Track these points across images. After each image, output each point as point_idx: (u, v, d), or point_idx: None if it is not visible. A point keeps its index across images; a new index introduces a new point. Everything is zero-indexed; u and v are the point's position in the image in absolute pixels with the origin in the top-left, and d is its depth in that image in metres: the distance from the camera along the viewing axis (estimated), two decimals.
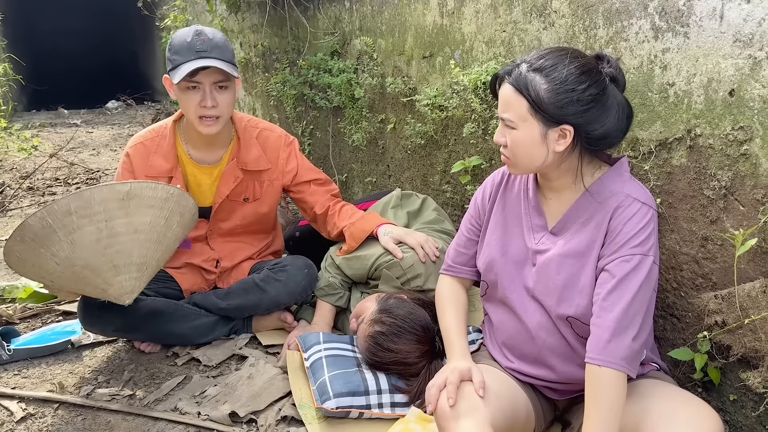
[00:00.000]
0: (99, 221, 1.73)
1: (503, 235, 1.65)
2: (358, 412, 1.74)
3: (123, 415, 1.86)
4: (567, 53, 1.47)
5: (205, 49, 1.99)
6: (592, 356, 1.39)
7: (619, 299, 1.39)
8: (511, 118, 1.47)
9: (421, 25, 2.65)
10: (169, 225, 1.84)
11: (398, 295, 1.93)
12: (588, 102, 1.42)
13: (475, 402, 1.47)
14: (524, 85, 1.44)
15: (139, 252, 1.81)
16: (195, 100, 2.04)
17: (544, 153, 1.46)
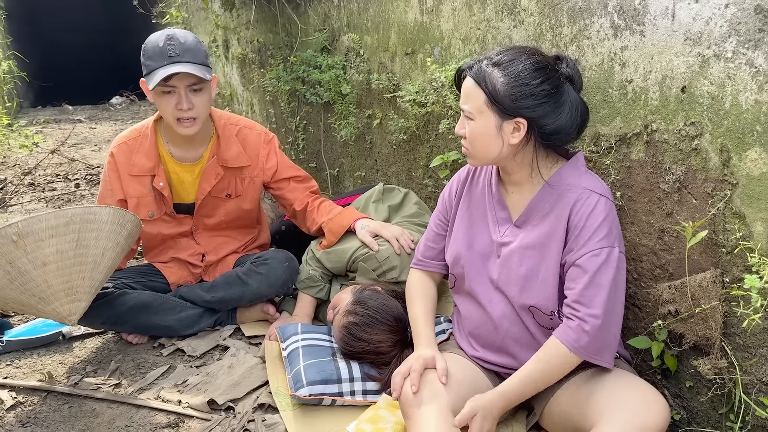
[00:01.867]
0: (2, 265, 1.76)
1: (469, 229, 1.71)
2: (331, 399, 1.81)
3: (108, 403, 1.94)
4: (525, 51, 1.53)
5: (177, 54, 2.05)
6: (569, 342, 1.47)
7: (597, 295, 1.46)
8: (470, 110, 1.53)
9: (403, 22, 2.70)
10: (83, 244, 1.84)
11: (373, 287, 2.00)
12: (542, 97, 1.48)
13: (438, 388, 1.54)
14: (483, 78, 1.50)
15: (58, 280, 1.85)
16: (171, 103, 2.10)
17: (500, 144, 1.52)
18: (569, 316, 1.48)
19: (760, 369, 1.45)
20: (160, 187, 2.28)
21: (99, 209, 1.94)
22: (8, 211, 3.96)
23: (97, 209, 1.94)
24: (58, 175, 4.78)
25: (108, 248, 1.95)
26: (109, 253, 1.96)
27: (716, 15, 1.39)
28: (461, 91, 1.58)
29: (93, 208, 1.93)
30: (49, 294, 1.84)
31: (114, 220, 1.95)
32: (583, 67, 1.78)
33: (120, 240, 2.00)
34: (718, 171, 1.45)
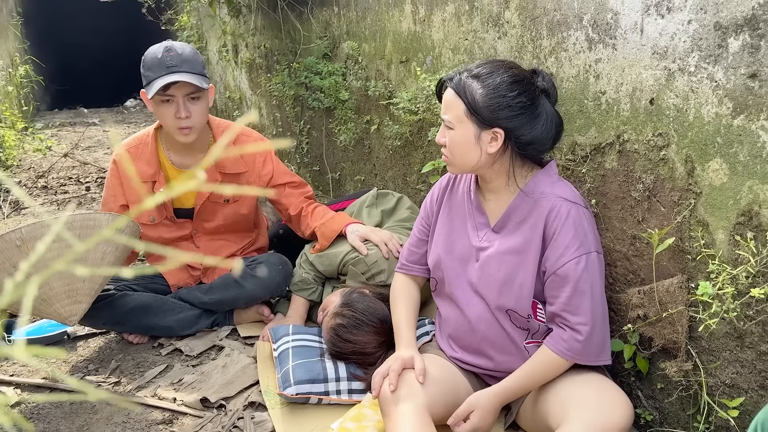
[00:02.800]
0: (6, 268, 1.86)
1: (449, 234, 1.77)
2: (317, 398, 1.88)
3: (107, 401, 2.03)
4: (503, 64, 1.60)
5: (174, 64, 2.14)
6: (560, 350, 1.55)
7: (583, 303, 1.53)
8: (450, 119, 1.60)
9: (398, 31, 2.77)
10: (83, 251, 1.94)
11: (361, 290, 2.07)
12: (518, 109, 1.54)
13: (415, 388, 1.60)
14: (462, 89, 1.57)
15: (60, 283, 1.93)
16: (170, 112, 2.19)
17: (478, 153, 1.59)
18: (560, 325, 1.55)
19: (724, 372, 1.50)
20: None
21: (98, 215, 2.03)
22: (21, 214, 4.09)
23: (96, 215, 2.03)
24: (71, 178, 4.91)
25: (107, 252, 2.04)
26: (109, 257, 2.04)
27: (680, 31, 1.45)
28: (442, 102, 1.65)
29: (92, 215, 2.02)
30: (51, 296, 1.93)
31: (113, 225, 2.03)
32: (561, 78, 1.84)
33: (119, 245, 2.08)
34: (683, 180, 1.51)
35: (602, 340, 1.56)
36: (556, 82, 1.85)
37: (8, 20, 7.40)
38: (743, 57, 1.32)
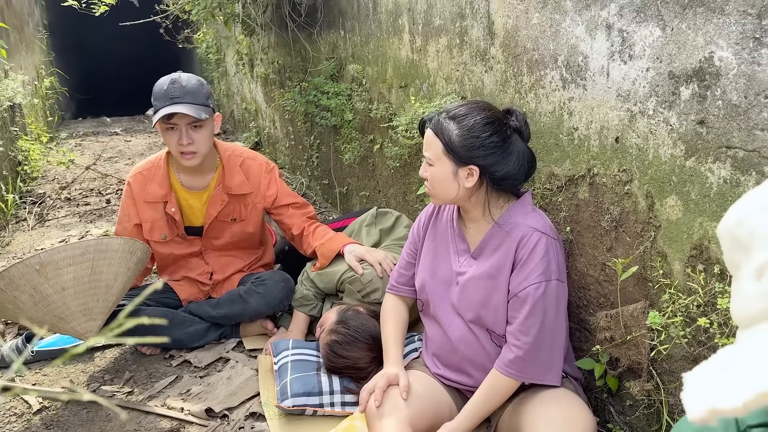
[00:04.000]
0: (27, 290, 2.01)
1: (434, 259, 1.91)
2: (312, 410, 2.03)
3: (120, 409, 2.19)
4: (478, 106, 1.73)
5: (177, 96, 2.30)
6: (502, 367, 1.68)
7: (534, 325, 1.65)
8: (430, 156, 1.73)
9: (397, 57, 2.91)
10: (98, 271, 2.09)
11: (355, 308, 2.21)
12: (491, 148, 1.67)
13: (398, 403, 1.74)
14: (440, 129, 1.70)
15: (76, 302, 2.09)
16: (174, 138, 2.36)
17: (456, 187, 1.72)
18: (509, 344, 1.68)
19: (682, 392, 1.62)
20: (172, 212, 2.54)
21: (110, 240, 2.20)
22: (45, 225, 4.29)
23: (108, 240, 2.20)
24: (92, 190, 5.11)
25: (120, 273, 2.20)
26: (121, 277, 2.21)
27: (640, 77, 1.57)
28: (424, 139, 1.79)
29: (105, 240, 2.19)
30: (68, 315, 2.10)
31: (124, 249, 2.20)
32: (539, 113, 1.96)
33: (130, 265, 2.25)
34: (645, 213, 1.63)
35: (548, 360, 1.67)
36: (535, 117, 1.98)
37: (34, 34, 7.67)
38: (693, 105, 1.44)
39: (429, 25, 2.57)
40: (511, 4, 2.02)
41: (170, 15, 4.53)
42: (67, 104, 9.72)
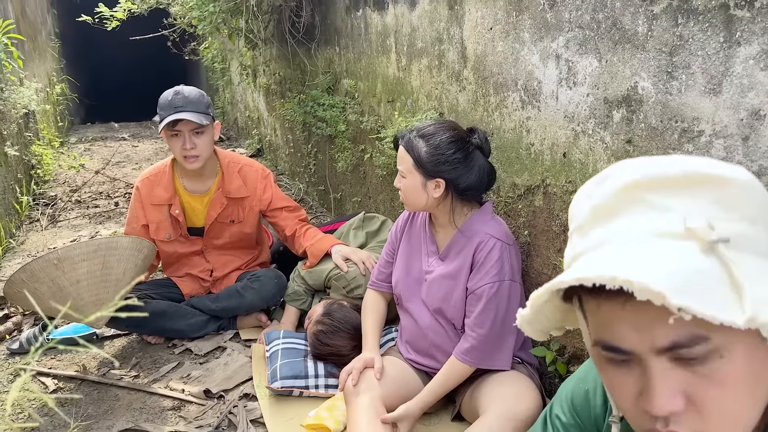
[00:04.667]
0: (46, 282, 2.26)
1: (408, 259, 2.16)
2: (299, 391, 2.27)
3: (128, 390, 2.44)
4: (444, 126, 1.97)
5: (181, 105, 2.57)
6: (459, 355, 1.92)
7: (487, 318, 1.90)
8: (403, 170, 1.98)
9: (386, 74, 3.17)
10: (109, 266, 2.33)
11: (340, 302, 2.46)
12: (455, 163, 1.92)
13: (373, 383, 1.98)
14: (411, 146, 1.95)
15: (88, 294, 2.33)
16: (178, 144, 2.61)
17: (425, 197, 1.96)
18: (466, 335, 1.92)
19: None
20: (176, 214, 2.79)
21: (120, 239, 2.46)
22: (57, 226, 4.55)
23: (119, 239, 2.45)
24: (101, 193, 5.38)
25: (128, 268, 2.45)
26: (129, 272, 2.46)
27: (582, 101, 1.82)
28: (398, 154, 2.03)
29: (116, 239, 2.44)
30: (81, 305, 2.35)
31: (133, 246, 2.45)
32: (503, 130, 2.21)
33: (138, 262, 2.50)
34: None
35: (499, 349, 1.92)
36: (499, 133, 2.23)
37: (47, 43, 7.96)
38: (622, 126, 1.69)
39: (413, 46, 2.83)
40: (480, 33, 2.27)
41: (177, 29, 4.80)
42: (76, 110, 10.01)
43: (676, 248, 0.67)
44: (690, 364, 0.68)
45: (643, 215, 0.71)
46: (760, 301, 0.61)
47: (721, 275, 0.64)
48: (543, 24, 1.93)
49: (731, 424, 0.69)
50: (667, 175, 0.71)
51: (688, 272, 0.64)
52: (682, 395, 0.69)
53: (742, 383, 0.68)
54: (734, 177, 0.69)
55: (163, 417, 2.26)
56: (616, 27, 1.65)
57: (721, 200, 0.68)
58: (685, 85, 1.47)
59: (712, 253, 0.65)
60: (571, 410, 1.04)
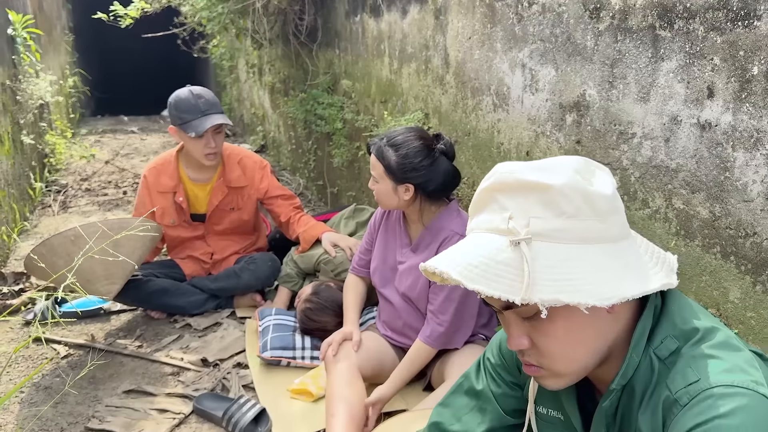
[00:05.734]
0: (63, 256, 2.49)
1: (384, 249, 2.38)
2: (287, 361, 2.51)
3: (131, 357, 2.67)
4: (413, 134, 2.14)
5: (208, 109, 2.81)
6: (424, 338, 2.14)
7: (449, 306, 2.13)
8: (375, 175, 2.17)
9: (380, 77, 3.40)
10: (120, 244, 2.52)
11: (327, 283, 2.69)
12: (422, 169, 2.11)
13: (350, 353, 2.21)
14: (381, 155, 2.14)
15: (100, 268, 2.56)
16: (201, 143, 2.84)
17: (396, 200, 2.18)
18: (429, 321, 2.15)
19: None
20: (180, 201, 3.03)
21: (131, 219, 2.70)
22: (68, 212, 4.80)
23: (129, 219, 2.70)
24: (110, 182, 5.63)
25: (137, 247, 2.69)
26: (138, 251, 2.70)
27: (542, 106, 2.05)
28: (371, 160, 2.20)
29: (127, 219, 2.69)
30: (94, 278, 2.59)
31: (142, 227, 2.69)
32: (479, 130, 2.44)
33: (145, 242, 2.74)
34: None
35: (459, 331, 2.14)
36: (475, 133, 2.46)
37: (61, 37, 8.23)
38: (573, 128, 1.92)
39: (403, 51, 3.06)
40: (460, 41, 2.51)
41: (187, 27, 5.04)
42: (87, 102, 10.28)
43: (494, 242, 0.92)
44: (528, 320, 0.96)
45: (492, 213, 0.95)
46: (546, 281, 0.87)
47: (520, 265, 0.88)
48: (512, 36, 2.16)
49: (562, 361, 0.98)
50: (509, 182, 0.94)
51: (490, 263, 0.90)
52: (527, 338, 0.97)
53: (562, 335, 0.95)
54: (553, 184, 0.91)
55: (163, 381, 2.50)
56: (570, 41, 1.88)
57: (544, 202, 0.91)
58: (622, 94, 1.70)
59: (517, 247, 0.89)
60: (498, 353, 1.27)
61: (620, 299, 0.89)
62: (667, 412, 0.93)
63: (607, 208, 0.94)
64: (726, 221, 1.44)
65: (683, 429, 0.88)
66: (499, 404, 1.26)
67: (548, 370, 1.00)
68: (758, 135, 1.34)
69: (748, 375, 0.89)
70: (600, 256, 0.92)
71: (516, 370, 1.25)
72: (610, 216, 0.94)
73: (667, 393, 0.93)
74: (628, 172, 1.73)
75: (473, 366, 1.34)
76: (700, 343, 0.95)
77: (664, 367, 0.96)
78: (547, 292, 0.87)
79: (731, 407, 0.86)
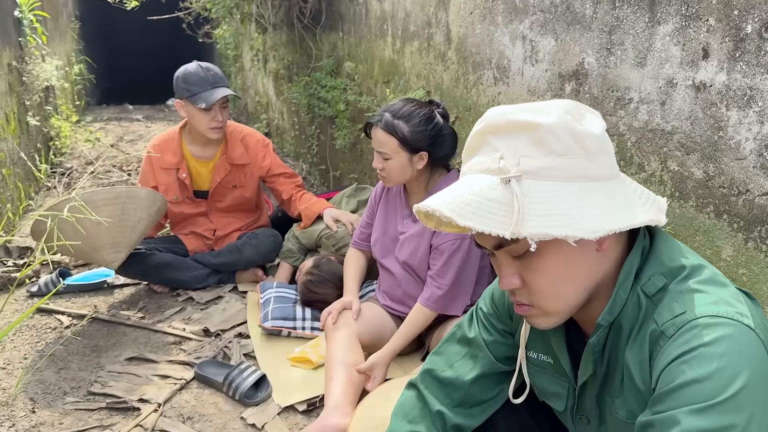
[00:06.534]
0: (71, 223, 2.49)
1: (384, 221, 2.41)
2: (288, 331, 2.54)
3: (134, 328, 2.71)
4: (414, 104, 2.18)
5: (216, 81, 2.84)
6: (423, 301, 2.17)
7: (448, 270, 2.16)
8: (387, 151, 2.18)
9: (382, 57, 3.43)
10: (126, 212, 2.60)
11: (328, 257, 2.72)
12: (433, 136, 2.15)
13: (349, 321, 2.25)
14: (393, 129, 2.15)
15: (107, 236, 2.59)
16: (208, 117, 2.87)
17: (411, 171, 2.20)
18: (428, 285, 2.18)
19: None
20: (183, 178, 3.06)
21: (139, 189, 2.74)
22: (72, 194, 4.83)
23: (138, 189, 2.73)
24: (115, 166, 5.66)
25: (143, 218, 2.72)
26: (144, 221, 2.73)
27: (542, 77, 2.07)
28: (373, 137, 2.20)
29: (135, 188, 2.73)
30: (100, 245, 2.62)
31: (149, 198, 2.73)
32: (479, 104, 2.47)
33: (152, 213, 2.77)
34: None
35: (457, 298, 2.17)
36: (476, 107, 2.49)
37: (68, 24, 8.26)
38: (572, 97, 1.94)
39: (406, 30, 3.08)
40: (462, 17, 2.53)
41: (192, 12, 5.07)
42: (92, 91, 10.32)
43: (486, 181, 0.94)
44: (519, 258, 0.98)
45: (484, 155, 0.97)
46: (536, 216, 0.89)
47: (510, 202, 0.90)
48: (513, 8, 2.18)
49: (551, 298, 1.00)
50: (500, 124, 0.96)
51: (481, 200, 0.92)
52: (518, 277, 1.00)
53: (552, 271, 0.97)
54: (542, 123, 0.93)
55: (165, 350, 2.53)
56: (569, 10, 1.90)
57: (534, 141, 0.93)
58: (620, 60, 1.72)
59: (507, 185, 0.91)
60: (491, 302, 1.30)
61: (607, 232, 0.91)
62: (654, 344, 0.96)
63: (596, 147, 0.96)
64: (719, 180, 1.47)
65: (669, 358, 0.91)
66: (491, 351, 1.29)
67: (538, 308, 1.03)
68: (751, 93, 1.36)
69: (733, 307, 0.92)
70: (588, 193, 0.94)
71: (508, 318, 1.28)
72: (599, 155, 0.97)
73: (654, 326, 0.96)
74: (624, 138, 1.75)
75: (466, 317, 1.37)
76: (686, 280, 0.98)
77: (651, 304, 0.99)
78: (536, 226, 0.89)
79: (715, 336, 0.88)
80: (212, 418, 2.10)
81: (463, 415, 1.31)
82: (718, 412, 0.84)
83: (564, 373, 1.16)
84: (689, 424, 0.84)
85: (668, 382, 0.89)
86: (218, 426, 2.06)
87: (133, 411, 2.14)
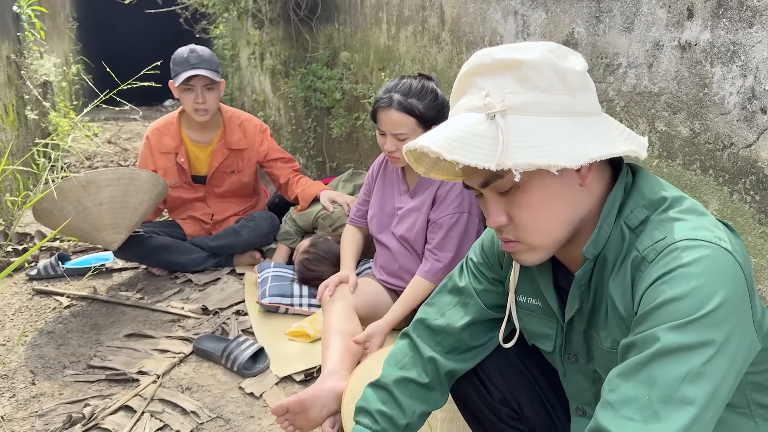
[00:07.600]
0: (72, 201, 2.55)
1: (381, 198, 2.44)
2: (285, 307, 2.57)
3: (132, 308, 2.74)
4: (417, 79, 2.20)
5: (197, 62, 2.86)
6: (422, 273, 2.21)
7: (447, 243, 2.19)
8: (404, 131, 2.16)
9: (378, 44, 3.47)
10: (129, 194, 2.63)
11: (325, 236, 2.76)
12: (441, 107, 2.18)
13: (346, 293, 2.28)
14: (409, 108, 2.14)
15: (108, 216, 2.62)
16: (191, 98, 2.91)
17: None
18: (427, 258, 2.21)
19: None
20: (181, 162, 3.09)
21: (141, 171, 2.77)
22: None
23: (140, 171, 2.77)
24: (112, 161, 5.70)
25: (144, 200, 2.76)
26: (145, 204, 2.77)
27: None
28: (384, 122, 2.18)
29: (137, 171, 2.76)
30: (101, 226, 2.65)
31: (150, 181, 2.76)
32: None
33: (153, 195, 2.80)
34: None
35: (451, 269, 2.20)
36: None
37: (65, 24, 8.31)
38: None
39: (401, 16, 3.13)
40: None
41: (189, 7, 5.12)
42: (90, 92, 10.35)
43: (471, 118, 0.97)
44: (505, 195, 1.02)
45: (471, 95, 1.01)
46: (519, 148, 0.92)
47: (495, 135, 0.93)
48: None
49: (537, 232, 1.03)
50: (486, 63, 0.99)
51: (468, 136, 0.95)
52: (504, 214, 1.03)
53: (537, 204, 1.01)
54: (524, 59, 0.96)
55: (164, 327, 2.56)
56: None
57: (518, 78, 0.96)
58: (608, 27, 1.76)
59: (492, 120, 0.94)
60: (480, 252, 1.33)
61: (588, 160, 0.95)
62: (636, 270, 0.99)
63: (578, 83, 1.00)
64: (705, 136, 1.51)
65: (649, 281, 0.94)
66: (481, 299, 1.32)
67: (524, 244, 1.06)
68: (734, 48, 1.40)
69: (711, 232, 0.95)
70: (570, 125, 0.97)
71: (497, 266, 1.31)
72: (581, 92, 1.00)
73: (636, 254, 0.99)
74: (614, 103, 1.79)
75: (456, 268, 1.40)
76: (667, 210, 1.01)
77: (634, 236, 1.03)
78: (520, 157, 0.93)
79: (694, 257, 0.92)
80: (210, 388, 2.13)
81: (455, 360, 1.34)
82: (696, 328, 0.87)
83: (552, 313, 1.20)
84: (669, 340, 0.87)
85: (648, 303, 0.92)
86: (216, 395, 2.09)
87: (133, 382, 2.16)
